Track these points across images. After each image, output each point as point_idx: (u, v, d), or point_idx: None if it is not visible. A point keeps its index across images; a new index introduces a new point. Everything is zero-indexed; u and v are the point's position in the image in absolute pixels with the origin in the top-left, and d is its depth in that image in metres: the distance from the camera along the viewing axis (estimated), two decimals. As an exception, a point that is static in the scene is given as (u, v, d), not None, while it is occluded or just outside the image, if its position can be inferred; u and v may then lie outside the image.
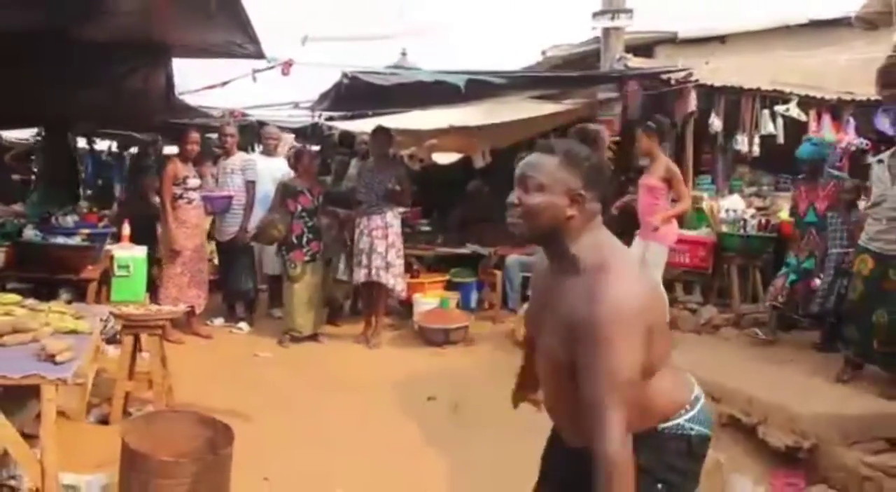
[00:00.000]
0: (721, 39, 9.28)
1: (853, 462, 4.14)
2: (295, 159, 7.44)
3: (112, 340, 5.09)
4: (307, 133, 11.19)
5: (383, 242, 7.17)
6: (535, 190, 2.02)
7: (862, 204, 6.00)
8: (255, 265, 7.98)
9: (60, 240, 6.18)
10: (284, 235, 7.07)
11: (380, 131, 7.63)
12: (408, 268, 8.22)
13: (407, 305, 7.95)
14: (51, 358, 3.39)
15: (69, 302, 4.97)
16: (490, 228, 8.98)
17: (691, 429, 2.07)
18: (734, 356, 6.10)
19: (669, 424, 2.06)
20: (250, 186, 7.47)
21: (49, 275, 5.58)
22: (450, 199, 10.37)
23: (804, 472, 4.34)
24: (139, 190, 8.97)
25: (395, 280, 7.27)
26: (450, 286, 8.38)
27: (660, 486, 2.04)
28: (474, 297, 8.39)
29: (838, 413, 4.50)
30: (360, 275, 7.26)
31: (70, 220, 6.96)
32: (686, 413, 2.08)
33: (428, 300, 7.71)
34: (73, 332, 3.83)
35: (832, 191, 6.25)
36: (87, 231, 6.66)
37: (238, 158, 7.69)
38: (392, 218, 7.28)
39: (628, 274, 1.95)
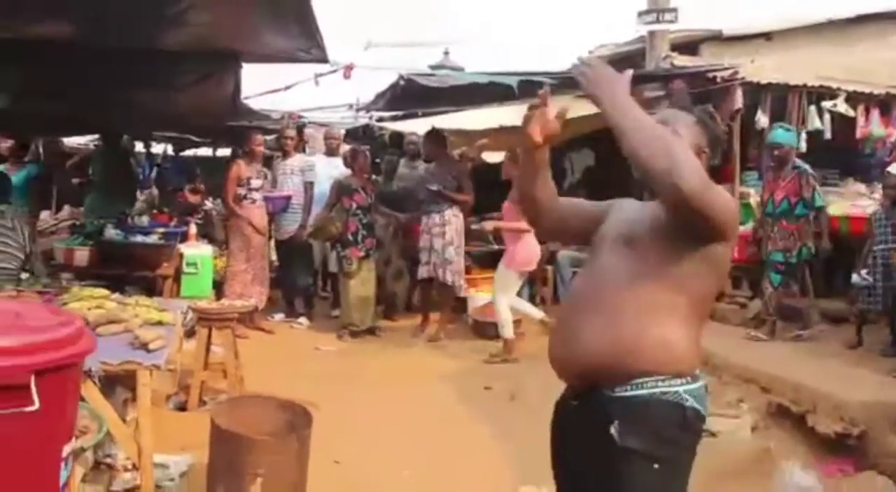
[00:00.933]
0: (766, 36, 9.31)
1: (902, 449, 4.27)
2: (351, 159, 7.70)
3: (188, 333, 5.37)
4: (358, 134, 11.47)
5: (440, 239, 7.42)
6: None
7: None
8: (313, 263, 8.28)
9: (140, 239, 6.53)
10: (341, 231, 7.35)
11: (432, 133, 7.87)
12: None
13: (461, 301, 8.18)
14: (144, 346, 3.68)
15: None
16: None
17: (686, 399, 2.04)
18: (781, 349, 6.22)
19: (667, 388, 2.03)
20: (308, 186, 7.75)
21: (129, 272, 5.92)
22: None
23: (853, 458, 4.48)
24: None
25: (454, 276, 7.49)
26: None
27: (656, 466, 2.01)
28: (526, 292, 8.54)
29: (887, 401, 4.62)
30: (422, 272, 7.55)
31: (146, 219, 7.31)
32: (685, 384, 2.05)
33: (482, 295, 7.92)
34: (160, 323, 4.12)
35: (792, 182, 6.35)
36: (161, 230, 7.01)
37: (298, 159, 7.98)
38: (451, 216, 7.51)
39: None
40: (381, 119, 11.59)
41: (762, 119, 8.10)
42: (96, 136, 13.55)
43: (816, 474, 4.22)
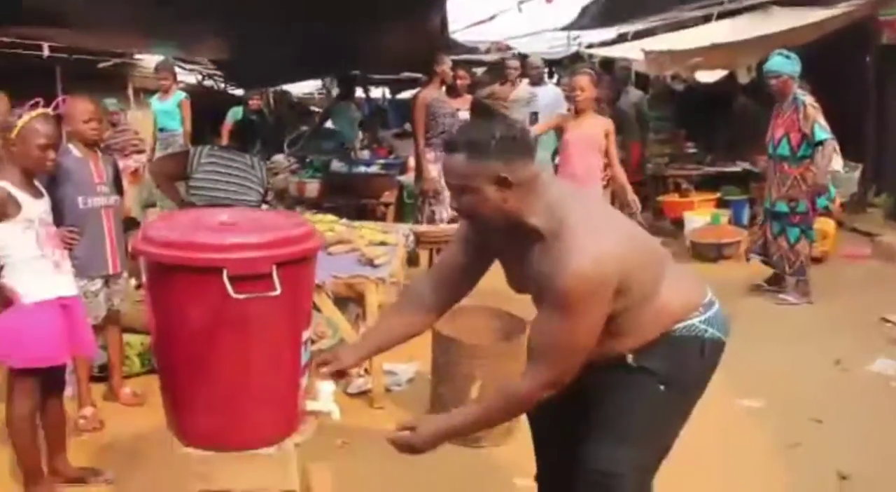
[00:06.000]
0: None
1: None
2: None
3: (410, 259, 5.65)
4: (563, 63, 11.35)
5: None
6: (461, 193, 1.95)
7: None
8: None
9: (362, 170, 6.98)
10: None
11: None
12: (676, 187, 8.32)
13: (677, 223, 8.02)
14: (370, 262, 4.03)
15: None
16: (761, 144, 8.76)
17: (705, 331, 2.03)
18: None
19: (683, 324, 2.02)
20: (533, 118, 7.56)
21: (356, 200, 6.37)
22: (715, 118, 10.14)
23: None
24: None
25: None
26: (721, 204, 8.30)
27: (661, 387, 2.00)
28: (746, 213, 8.22)
29: None
30: None
31: (366, 153, 7.77)
32: (700, 314, 2.04)
33: (699, 217, 7.72)
34: (383, 243, 4.45)
35: (790, 118, 5.52)
36: (381, 161, 7.42)
37: (523, 89, 7.74)
38: None
39: (589, 234, 1.87)
40: (590, 45, 11.41)
41: None
42: (319, 85, 14.48)
43: None
